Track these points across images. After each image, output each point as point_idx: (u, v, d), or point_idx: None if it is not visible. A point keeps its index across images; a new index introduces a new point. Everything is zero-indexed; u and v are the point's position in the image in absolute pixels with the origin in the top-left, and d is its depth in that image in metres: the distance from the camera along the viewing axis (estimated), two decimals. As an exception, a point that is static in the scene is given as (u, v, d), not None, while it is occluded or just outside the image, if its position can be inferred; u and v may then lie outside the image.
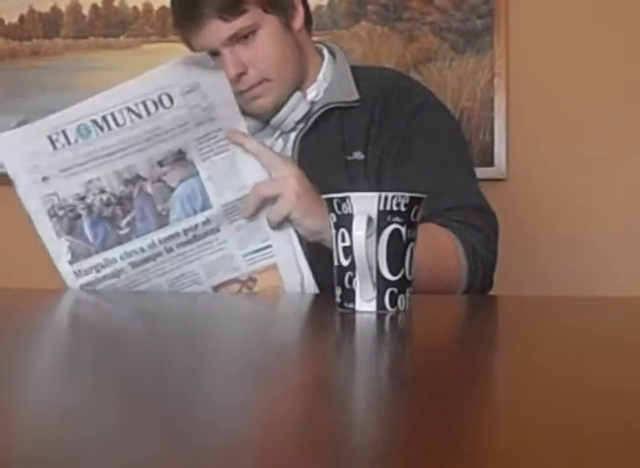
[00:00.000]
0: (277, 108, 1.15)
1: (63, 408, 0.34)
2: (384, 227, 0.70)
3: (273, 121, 1.16)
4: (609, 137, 1.76)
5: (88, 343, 0.58)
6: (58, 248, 0.96)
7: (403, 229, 0.70)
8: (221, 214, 0.97)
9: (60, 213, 0.94)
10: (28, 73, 2.03)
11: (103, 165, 0.94)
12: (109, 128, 0.93)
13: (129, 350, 0.53)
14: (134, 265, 0.98)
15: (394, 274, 0.71)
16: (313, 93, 1.18)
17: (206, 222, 0.97)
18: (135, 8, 2.00)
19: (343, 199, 0.71)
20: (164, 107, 0.94)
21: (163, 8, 1.96)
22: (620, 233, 1.76)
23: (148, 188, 0.96)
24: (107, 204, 0.95)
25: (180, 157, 0.95)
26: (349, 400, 0.37)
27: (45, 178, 0.94)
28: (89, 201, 0.95)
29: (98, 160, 0.94)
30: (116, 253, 0.97)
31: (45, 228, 0.95)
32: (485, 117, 1.79)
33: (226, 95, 0.96)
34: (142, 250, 0.97)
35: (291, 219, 0.98)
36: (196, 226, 0.97)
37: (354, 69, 1.20)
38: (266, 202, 0.98)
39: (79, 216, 0.95)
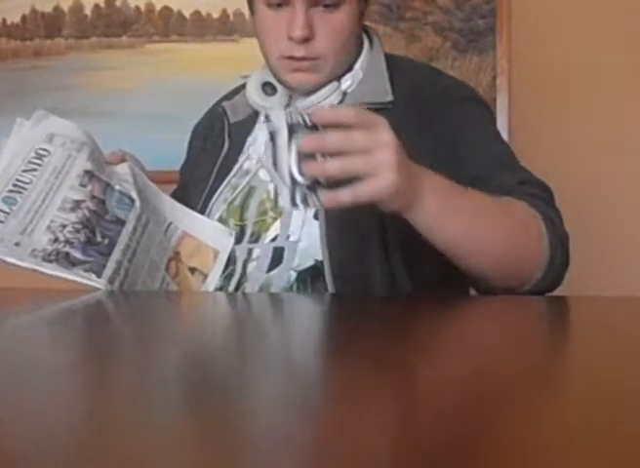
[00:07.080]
0: (313, 90, 1.09)
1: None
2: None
3: (301, 106, 1.09)
4: (611, 138, 1.76)
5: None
6: (77, 275, 0.97)
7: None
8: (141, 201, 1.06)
9: (52, 258, 0.97)
10: (30, 73, 2.03)
11: (46, 210, 1.00)
12: (25, 188, 1.00)
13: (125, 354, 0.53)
14: (130, 260, 1.01)
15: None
16: (348, 82, 1.12)
17: (140, 212, 1.05)
18: (137, 8, 2.00)
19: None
20: (49, 153, 1.02)
21: (165, 8, 1.97)
22: (625, 232, 1.75)
23: (90, 206, 1.02)
24: (76, 231, 0.99)
25: (91, 175, 1.04)
26: (354, 402, 0.36)
27: (17, 244, 0.96)
28: (62, 238, 0.98)
29: (39, 211, 1.00)
30: (116, 254, 1.00)
31: (55, 270, 0.96)
32: (487, 117, 1.78)
33: (74, 129, 1.06)
34: (128, 246, 1.01)
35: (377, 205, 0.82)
36: (140, 217, 1.04)
37: (387, 59, 1.15)
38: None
39: (68, 254, 0.97)
